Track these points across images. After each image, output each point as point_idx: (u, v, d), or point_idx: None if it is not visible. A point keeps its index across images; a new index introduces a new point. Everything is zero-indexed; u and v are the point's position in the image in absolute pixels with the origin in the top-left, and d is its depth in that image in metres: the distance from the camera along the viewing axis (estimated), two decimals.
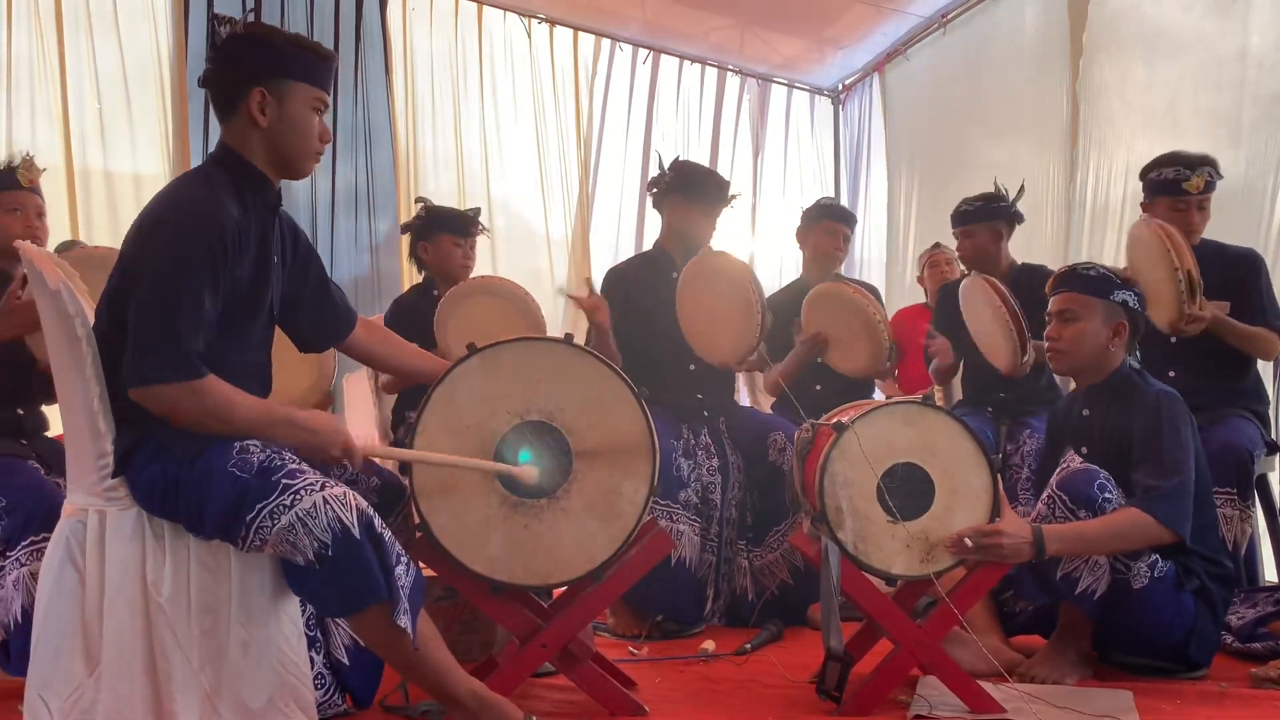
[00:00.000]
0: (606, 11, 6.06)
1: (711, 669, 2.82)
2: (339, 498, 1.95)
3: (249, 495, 1.94)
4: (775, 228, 6.69)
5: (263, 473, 1.96)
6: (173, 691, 1.99)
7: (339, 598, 1.96)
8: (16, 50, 4.66)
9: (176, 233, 1.98)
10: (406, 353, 2.48)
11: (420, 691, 2.30)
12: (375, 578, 1.93)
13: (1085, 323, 2.67)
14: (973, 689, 2.35)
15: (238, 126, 2.13)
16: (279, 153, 2.14)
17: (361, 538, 1.93)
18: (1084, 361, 2.70)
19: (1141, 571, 2.49)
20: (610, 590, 2.35)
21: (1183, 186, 3.28)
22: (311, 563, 1.92)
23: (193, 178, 2.15)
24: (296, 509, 1.92)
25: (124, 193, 4.90)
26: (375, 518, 1.98)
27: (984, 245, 3.71)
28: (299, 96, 2.12)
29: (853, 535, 2.36)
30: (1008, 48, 5.49)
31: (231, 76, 2.12)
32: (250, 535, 1.94)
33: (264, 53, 2.11)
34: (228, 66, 2.12)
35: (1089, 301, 2.66)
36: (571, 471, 2.23)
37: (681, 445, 3.39)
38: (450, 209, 3.85)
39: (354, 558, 1.92)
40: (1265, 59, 4.04)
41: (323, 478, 2.01)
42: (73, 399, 2.05)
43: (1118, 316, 2.67)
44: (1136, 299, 2.69)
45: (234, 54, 2.11)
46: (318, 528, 1.92)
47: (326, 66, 2.17)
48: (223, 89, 2.14)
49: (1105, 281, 2.67)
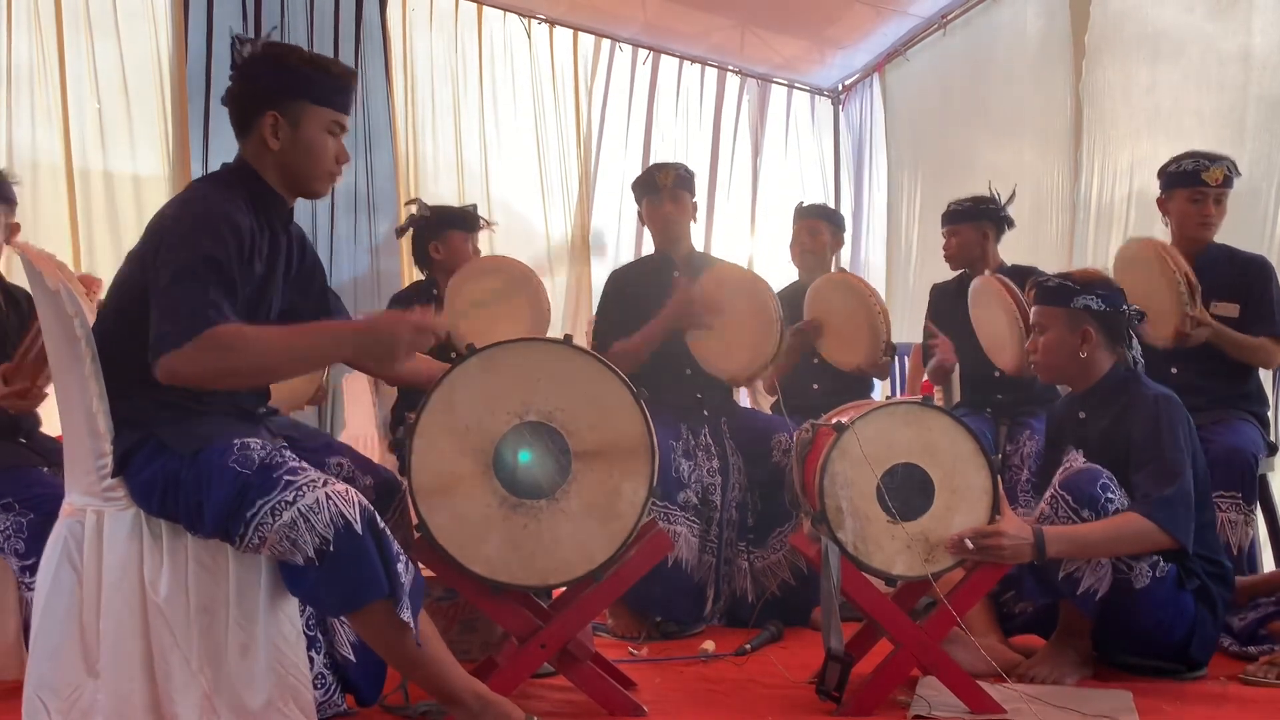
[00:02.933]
0: (606, 12, 6.05)
1: (711, 669, 2.81)
2: (341, 494, 1.95)
3: (250, 491, 1.94)
4: (775, 228, 6.68)
5: (264, 469, 1.96)
6: (171, 692, 2.00)
7: (340, 594, 1.95)
8: (16, 51, 4.66)
9: (195, 223, 2.00)
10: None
11: (420, 691, 2.29)
12: (378, 573, 1.93)
13: (1051, 333, 2.69)
14: (972, 689, 2.34)
15: (253, 146, 2.15)
16: (291, 174, 2.16)
17: (364, 533, 1.93)
18: (1059, 370, 2.72)
19: (1143, 571, 2.49)
20: (609, 591, 2.34)
21: (1201, 177, 3.30)
22: (311, 560, 1.92)
23: (209, 183, 2.16)
24: (299, 504, 1.92)
25: (124, 193, 4.90)
26: (376, 515, 1.98)
27: (969, 245, 3.78)
28: (314, 119, 2.13)
29: (853, 535, 2.35)
30: (1009, 49, 5.48)
31: (248, 97, 2.13)
32: (250, 533, 1.93)
33: (279, 75, 2.12)
34: (245, 86, 2.14)
35: (1051, 312, 2.69)
36: (570, 472, 2.23)
37: (681, 446, 3.39)
38: (452, 206, 3.87)
39: (357, 553, 1.92)
40: (1268, 60, 4.04)
41: (325, 474, 2.01)
42: (71, 399, 2.05)
43: (1082, 322, 2.66)
44: (1100, 299, 2.68)
45: (251, 74, 2.13)
46: (320, 523, 1.91)
47: (345, 88, 2.18)
48: (239, 109, 2.15)
49: (1062, 290, 2.68)
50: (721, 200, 6.67)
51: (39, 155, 4.67)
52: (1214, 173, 3.29)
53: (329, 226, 5.46)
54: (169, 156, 5.02)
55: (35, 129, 4.68)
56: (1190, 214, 3.30)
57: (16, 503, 2.64)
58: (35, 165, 4.57)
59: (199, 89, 5.15)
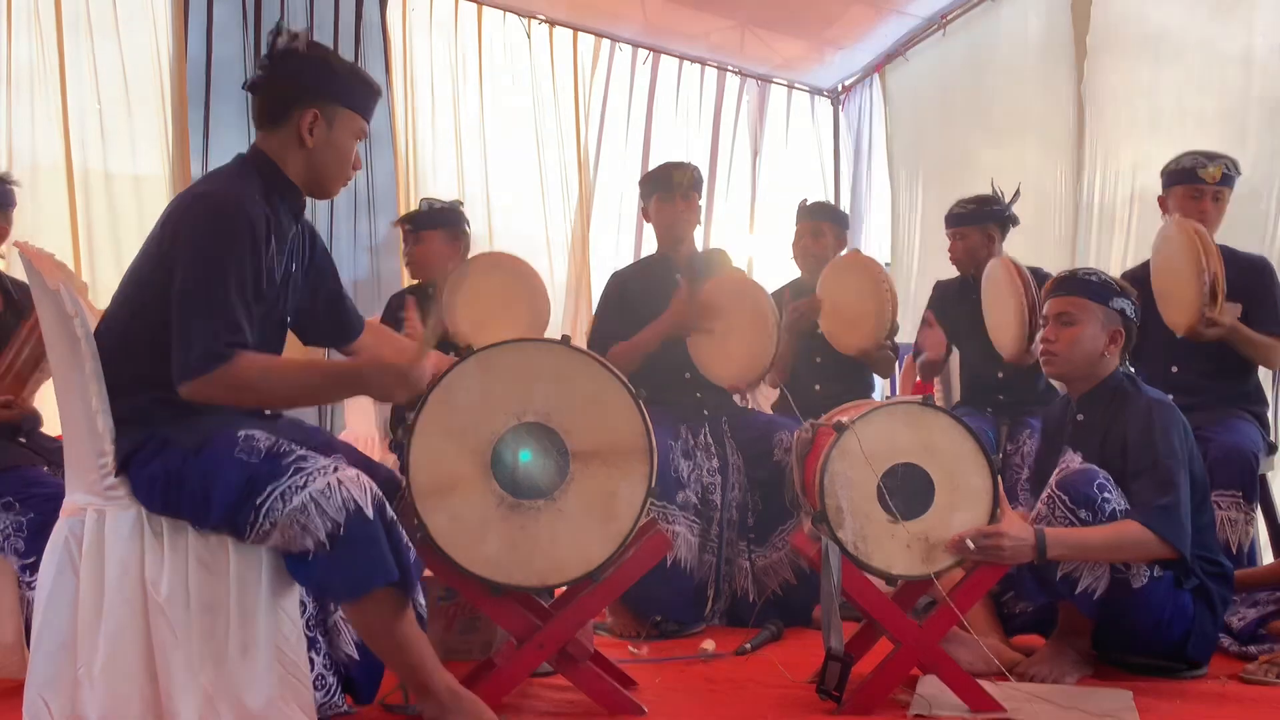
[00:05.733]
0: (606, 12, 6.05)
1: (711, 669, 2.81)
2: (353, 479, 1.97)
3: (259, 479, 1.95)
4: (774, 228, 6.68)
5: (271, 457, 1.98)
6: (172, 691, 1.99)
7: (349, 579, 1.97)
8: (17, 51, 4.66)
9: (212, 219, 2.01)
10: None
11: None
12: (387, 559, 1.96)
13: (1082, 327, 2.66)
14: (973, 688, 2.34)
15: (280, 138, 2.15)
16: (315, 173, 2.18)
17: (375, 519, 1.95)
18: (1077, 366, 2.70)
19: (1141, 571, 2.49)
20: (608, 591, 2.34)
21: (1199, 174, 3.31)
22: (322, 544, 1.93)
23: (223, 175, 2.16)
24: (310, 489, 1.94)
25: (124, 193, 4.89)
26: (386, 502, 2.00)
27: (975, 247, 3.78)
28: (347, 124, 2.17)
29: (853, 535, 2.35)
30: (1010, 49, 5.48)
31: (286, 90, 2.14)
32: (260, 519, 1.94)
33: (325, 76, 2.14)
34: (283, 80, 2.14)
35: (1088, 306, 2.66)
36: (569, 473, 2.23)
37: (680, 446, 3.39)
38: (434, 203, 3.81)
39: (369, 538, 1.95)
40: (1269, 61, 4.04)
41: (334, 461, 2.02)
42: (71, 399, 2.05)
43: (1115, 323, 2.66)
44: (1135, 309, 2.69)
45: (293, 70, 2.14)
46: (332, 507, 1.93)
47: (375, 99, 2.23)
48: (273, 100, 2.15)
49: (1105, 287, 2.67)
50: (721, 200, 6.66)
51: (39, 156, 4.67)
52: (1212, 171, 3.30)
53: (329, 227, 5.46)
54: (169, 156, 5.01)
55: (35, 129, 4.68)
56: (1187, 211, 3.30)
57: (17, 502, 2.65)
58: (35, 166, 4.57)
59: (199, 89, 5.16)
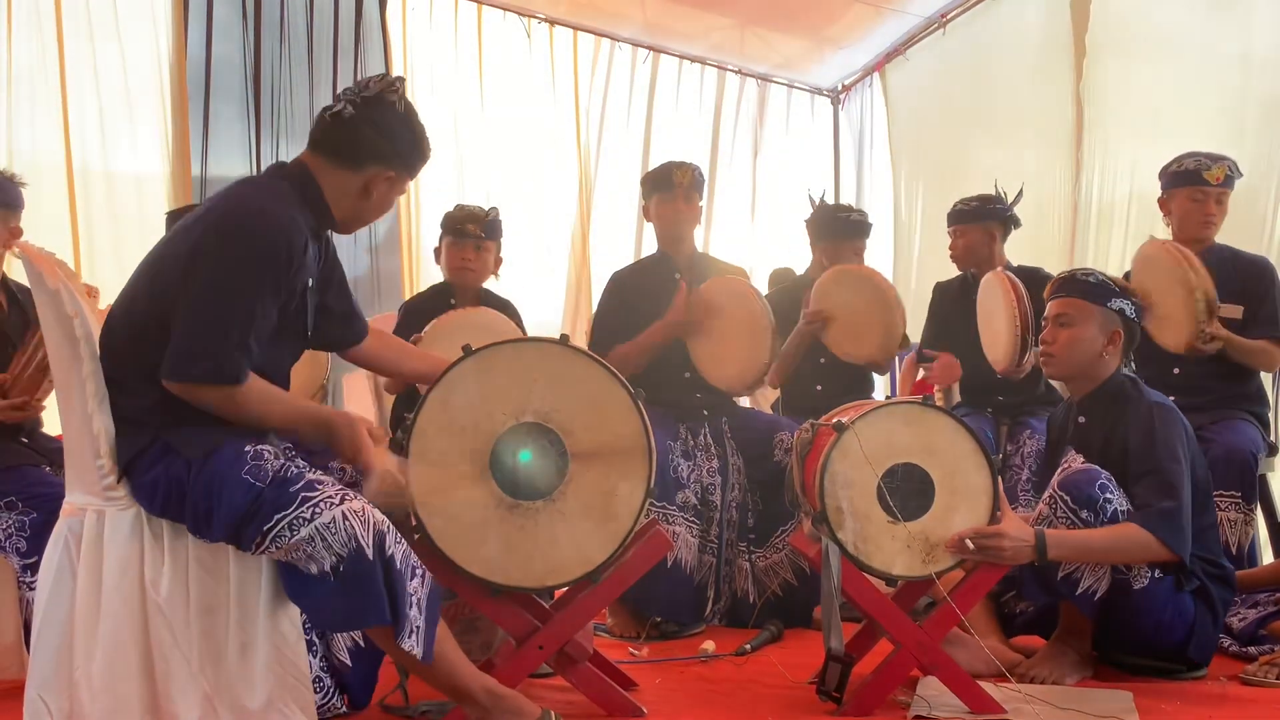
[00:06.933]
0: (606, 11, 6.05)
1: (711, 669, 2.81)
2: (357, 513, 1.98)
3: (265, 505, 1.96)
4: (774, 228, 6.68)
5: (279, 483, 1.98)
6: (171, 692, 2.00)
7: (341, 613, 2.00)
8: (17, 52, 4.67)
9: (257, 238, 2.01)
10: (409, 356, 2.52)
11: (419, 691, 2.29)
12: (380, 601, 1.96)
13: (1080, 328, 2.66)
14: (973, 689, 2.34)
15: (341, 177, 2.15)
16: (357, 218, 2.23)
17: (374, 559, 1.96)
18: (1076, 367, 2.69)
19: (1142, 572, 2.49)
20: (608, 592, 2.34)
21: (1203, 176, 3.30)
22: (326, 574, 1.95)
23: (266, 189, 2.14)
24: (316, 522, 1.95)
25: (124, 193, 4.90)
26: (388, 534, 2.00)
27: (976, 245, 3.76)
28: (401, 187, 2.23)
29: (853, 535, 2.35)
30: (1010, 49, 5.47)
31: (370, 141, 2.14)
32: (266, 543, 1.96)
33: (408, 143, 2.18)
34: (371, 130, 2.13)
35: (1086, 307, 2.66)
36: (568, 473, 2.23)
37: (680, 446, 3.38)
38: (463, 207, 3.77)
39: (364, 577, 1.96)
40: (1268, 61, 4.04)
41: (340, 489, 2.02)
42: (71, 399, 2.05)
43: (1114, 324, 2.66)
44: (1134, 309, 2.68)
45: (386, 125, 2.14)
46: (336, 542, 1.95)
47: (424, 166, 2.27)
48: (352, 143, 2.14)
49: (1103, 288, 2.67)
50: (721, 200, 6.66)
51: (39, 155, 4.67)
52: (1215, 172, 3.29)
53: None
54: (169, 156, 5.02)
55: (35, 129, 4.69)
56: (1192, 213, 3.30)
57: (18, 501, 2.65)
58: (35, 165, 4.56)
59: (199, 89, 5.15)
